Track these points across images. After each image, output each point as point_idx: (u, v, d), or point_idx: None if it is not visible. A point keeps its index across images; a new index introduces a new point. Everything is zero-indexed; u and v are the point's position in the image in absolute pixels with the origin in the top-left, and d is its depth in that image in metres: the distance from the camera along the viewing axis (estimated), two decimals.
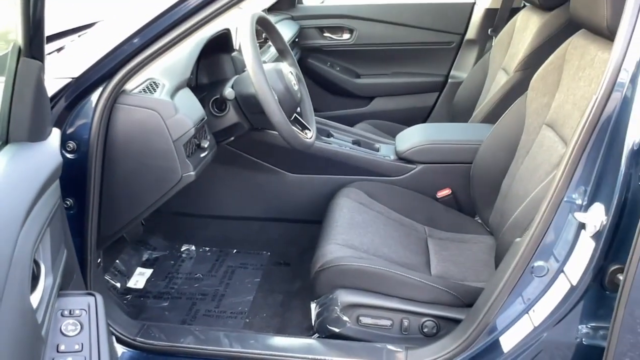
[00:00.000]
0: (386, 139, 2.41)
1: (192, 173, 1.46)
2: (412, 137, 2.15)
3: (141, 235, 2.12)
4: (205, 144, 1.58)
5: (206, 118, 1.62)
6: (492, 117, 2.20)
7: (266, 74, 1.59)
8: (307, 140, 1.71)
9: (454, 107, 2.82)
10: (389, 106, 3.12)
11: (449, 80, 3.07)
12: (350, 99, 3.15)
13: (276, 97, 1.57)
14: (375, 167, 2.11)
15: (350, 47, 3.10)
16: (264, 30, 1.83)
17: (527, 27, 2.37)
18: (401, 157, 2.11)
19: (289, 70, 1.74)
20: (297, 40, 2.95)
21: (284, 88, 1.66)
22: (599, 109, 1.18)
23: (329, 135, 2.25)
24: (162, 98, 1.44)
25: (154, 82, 1.50)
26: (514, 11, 2.66)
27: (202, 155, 1.58)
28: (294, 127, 1.62)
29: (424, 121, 3.10)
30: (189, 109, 1.51)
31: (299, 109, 1.87)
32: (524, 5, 2.64)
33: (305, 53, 3.07)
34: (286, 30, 2.78)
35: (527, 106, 1.79)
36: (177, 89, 1.54)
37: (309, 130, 1.81)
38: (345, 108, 3.14)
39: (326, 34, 3.10)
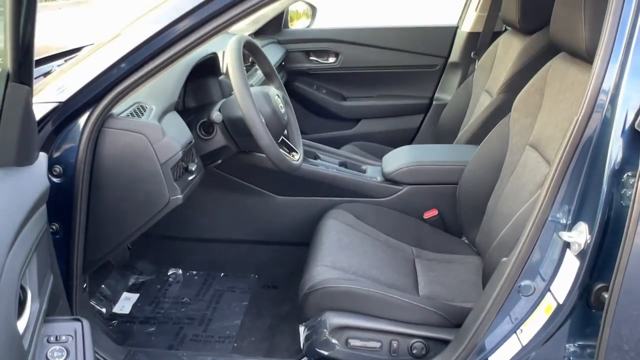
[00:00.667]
0: (373, 160, 2.43)
1: (180, 196, 1.46)
2: (398, 159, 2.17)
3: (127, 259, 2.10)
4: (193, 167, 1.58)
5: (194, 141, 1.62)
6: (476, 138, 2.23)
7: (253, 97, 1.61)
8: (294, 163, 1.72)
9: (439, 128, 2.85)
10: (375, 128, 3.16)
11: (434, 102, 3.12)
12: (336, 121, 3.18)
13: (263, 120, 1.59)
14: (362, 189, 2.12)
15: (336, 70, 3.14)
16: (250, 54, 1.85)
17: (508, 51, 2.42)
18: (388, 179, 2.13)
19: (275, 94, 1.76)
20: (283, 63, 2.99)
21: (271, 111, 1.67)
22: (580, 130, 1.21)
23: (315, 157, 2.26)
24: (149, 121, 1.44)
25: (141, 106, 1.51)
26: (496, 35, 2.72)
27: (190, 178, 1.58)
28: (281, 150, 1.64)
29: (410, 143, 3.13)
30: (176, 132, 1.51)
31: (286, 132, 1.88)
32: (505, 29, 2.70)
33: (291, 76, 3.10)
34: (272, 54, 2.81)
35: (511, 127, 1.82)
36: (165, 112, 1.54)
37: (296, 152, 1.83)
38: (332, 130, 3.17)
39: (312, 58, 3.14)
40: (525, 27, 2.30)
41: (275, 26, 3.07)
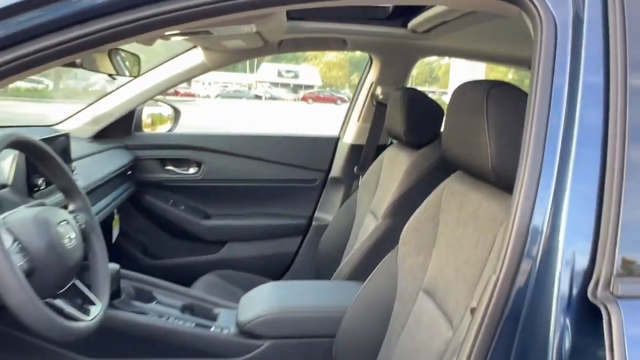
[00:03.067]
0: (232, 300, 1.86)
1: None
2: (257, 303, 1.63)
3: None
4: None
5: None
6: (360, 272, 1.80)
7: (15, 225, 1.04)
8: (74, 327, 1.10)
9: (318, 254, 2.38)
10: (244, 253, 2.61)
11: (313, 223, 2.66)
12: (197, 243, 2.60)
13: (17, 264, 1.00)
14: (208, 346, 1.54)
15: (197, 183, 2.62)
16: (31, 157, 1.29)
17: (395, 167, 2.07)
18: (243, 331, 1.57)
19: (63, 219, 1.18)
20: (130, 172, 2.42)
21: (45, 246, 1.09)
22: (501, 298, 0.76)
23: (150, 299, 1.67)
24: None
25: None
26: (381, 148, 2.40)
27: None
28: (49, 311, 1.03)
29: (286, 271, 2.63)
30: None
31: (89, 273, 1.29)
32: (391, 142, 2.39)
33: (142, 188, 2.53)
34: (114, 160, 2.26)
35: (399, 265, 1.39)
36: None
37: (94, 304, 1.23)
38: (190, 255, 2.59)
39: (169, 167, 2.61)
40: (413, 140, 1.98)
41: (124, 128, 2.51)
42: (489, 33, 1.96)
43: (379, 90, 2.50)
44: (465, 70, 11.65)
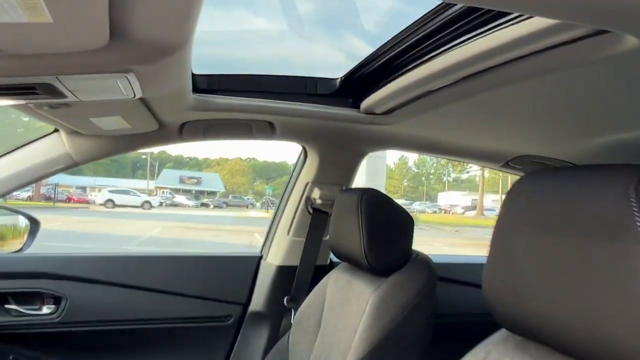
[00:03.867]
0: None
1: None
2: None
3: None
4: None
5: None
6: None
7: None
8: None
9: None
10: None
11: None
12: None
13: None
14: None
15: (54, 328, 1.78)
16: None
17: (349, 300, 1.44)
18: None
19: None
20: None
21: None
22: None
23: None
24: None
25: None
26: (320, 270, 1.78)
27: None
28: None
29: None
30: None
31: None
32: (334, 263, 1.76)
33: None
34: None
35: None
36: None
37: None
38: None
39: (12, 306, 1.75)
40: (378, 265, 1.40)
41: None
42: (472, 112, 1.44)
43: (316, 194, 1.89)
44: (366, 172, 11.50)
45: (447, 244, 14.88)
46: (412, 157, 52.92)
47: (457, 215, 32.39)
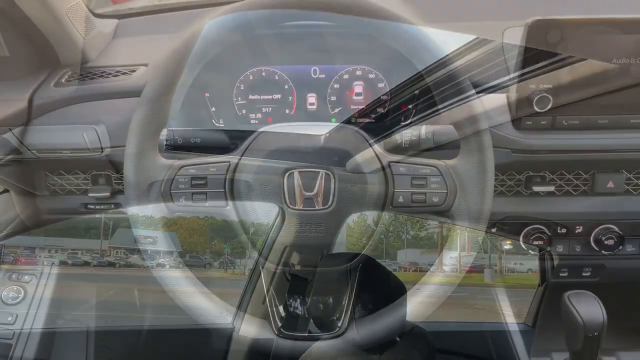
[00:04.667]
0: None
1: None
2: None
3: None
4: None
5: None
6: None
7: None
8: None
9: None
10: None
11: None
12: None
13: None
14: None
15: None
16: None
17: None
18: None
19: None
20: None
21: None
22: None
23: None
24: None
25: None
26: None
27: None
28: None
29: None
30: None
31: None
32: None
33: None
34: None
35: None
36: None
37: None
38: None
39: None
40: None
41: None
42: None
43: (294, 258, 1.74)
44: None
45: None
46: (370, 214, 53.28)
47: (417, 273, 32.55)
